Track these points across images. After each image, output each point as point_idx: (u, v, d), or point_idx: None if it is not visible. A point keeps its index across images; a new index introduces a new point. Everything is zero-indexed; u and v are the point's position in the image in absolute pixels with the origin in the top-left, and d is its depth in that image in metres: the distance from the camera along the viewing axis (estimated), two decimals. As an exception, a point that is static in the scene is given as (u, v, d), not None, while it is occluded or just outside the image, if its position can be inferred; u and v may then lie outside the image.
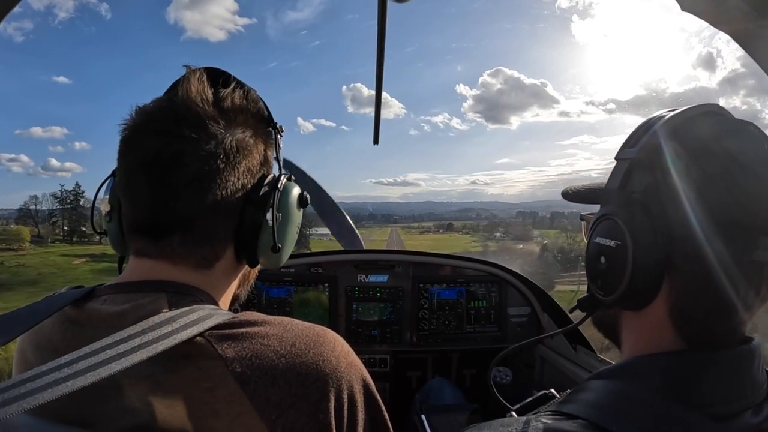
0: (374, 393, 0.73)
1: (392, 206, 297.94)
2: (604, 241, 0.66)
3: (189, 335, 0.59)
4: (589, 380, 0.66)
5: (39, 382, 0.50)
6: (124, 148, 0.71)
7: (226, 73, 0.78)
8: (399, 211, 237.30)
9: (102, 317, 0.65)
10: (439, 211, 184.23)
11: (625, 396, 0.59)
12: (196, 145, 0.68)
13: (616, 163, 0.67)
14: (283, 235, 0.78)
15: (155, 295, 0.66)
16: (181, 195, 0.68)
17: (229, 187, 0.71)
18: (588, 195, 0.79)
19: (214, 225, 0.72)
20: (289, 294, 2.44)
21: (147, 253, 0.72)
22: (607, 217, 0.66)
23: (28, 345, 0.71)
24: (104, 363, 0.53)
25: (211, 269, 0.74)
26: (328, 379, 0.65)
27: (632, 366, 0.64)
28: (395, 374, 2.50)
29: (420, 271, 2.55)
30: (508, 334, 2.52)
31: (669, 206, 0.59)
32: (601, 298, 0.67)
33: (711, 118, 0.64)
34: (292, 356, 0.64)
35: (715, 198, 0.58)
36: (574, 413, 0.60)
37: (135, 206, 0.71)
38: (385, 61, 0.83)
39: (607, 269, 0.65)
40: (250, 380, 0.60)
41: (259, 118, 0.79)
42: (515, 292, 2.55)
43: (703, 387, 0.58)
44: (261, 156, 0.77)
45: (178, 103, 0.70)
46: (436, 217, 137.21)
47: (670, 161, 0.61)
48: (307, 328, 0.70)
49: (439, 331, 2.50)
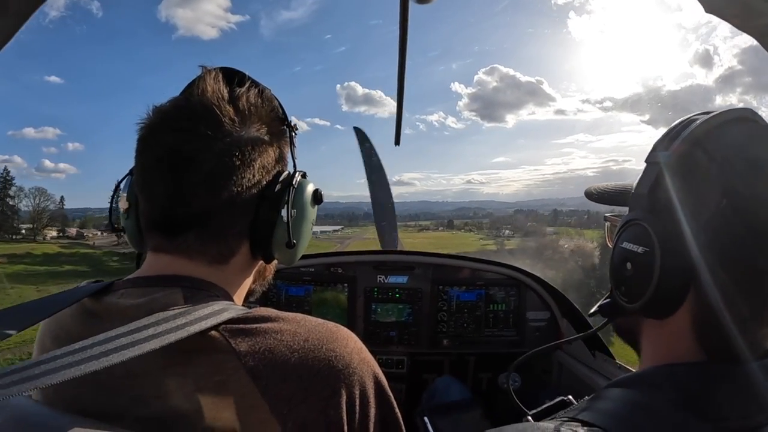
0: (386, 390, 0.73)
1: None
2: (631, 247, 0.65)
3: (202, 327, 0.60)
4: (606, 388, 0.65)
5: (52, 364, 0.51)
6: (141, 147, 0.73)
7: (240, 72, 0.79)
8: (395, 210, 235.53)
9: (119, 310, 0.67)
10: (435, 210, 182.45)
11: (642, 406, 0.59)
12: (212, 142, 0.70)
13: (646, 167, 0.66)
14: (297, 231, 0.79)
15: (171, 290, 0.68)
16: (197, 192, 0.70)
17: (245, 184, 0.73)
18: (613, 197, 0.79)
19: (230, 221, 0.74)
20: (308, 293, 2.46)
21: (163, 249, 0.73)
22: (635, 222, 0.65)
23: (48, 335, 0.73)
24: (117, 350, 0.54)
25: (226, 264, 0.76)
26: (340, 375, 0.65)
27: (650, 376, 0.63)
28: (411, 376, 2.50)
29: (439, 273, 2.54)
30: (526, 339, 2.50)
31: (696, 215, 0.59)
32: (625, 304, 0.66)
33: (742, 125, 0.63)
34: (304, 351, 0.64)
35: (741, 207, 0.57)
36: (590, 421, 0.59)
37: (152, 203, 0.73)
38: (406, 61, 0.84)
39: (632, 276, 0.65)
40: (262, 375, 0.61)
41: (274, 117, 0.80)
42: (534, 296, 2.52)
43: (719, 400, 0.57)
44: (276, 153, 0.79)
45: (195, 101, 0.72)
46: (431, 217, 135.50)
47: (697, 169, 0.60)
48: (321, 324, 0.70)
49: (456, 333, 2.50)
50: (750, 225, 0.57)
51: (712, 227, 0.58)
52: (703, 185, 0.59)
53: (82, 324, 0.69)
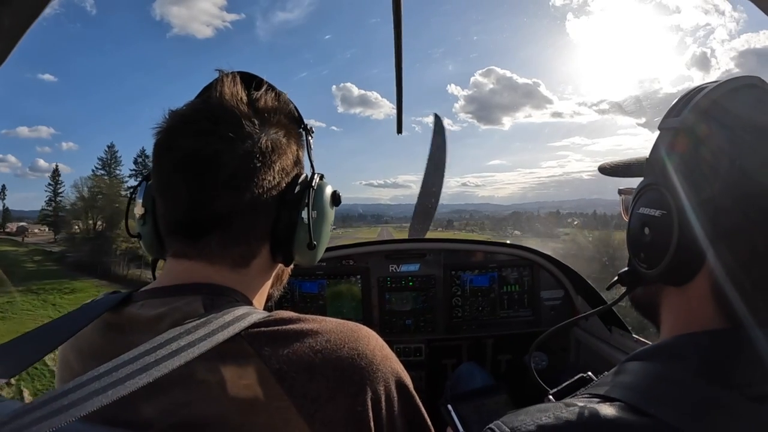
0: (409, 385, 0.73)
1: (382, 207, 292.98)
2: (648, 211, 0.65)
3: (226, 336, 0.60)
4: (626, 362, 0.65)
5: (80, 392, 0.51)
6: (160, 151, 0.73)
7: (257, 76, 0.79)
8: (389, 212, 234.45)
9: (140, 321, 0.67)
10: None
11: (663, 377, 0.59)
12: (234, 144, 0.70)
13: (660, 133, 0.66)
14: (318, 232, 0.80)
15: (191, 298, 0.68)
16: (220, 194, 0.70)
17: (265, 186, 0.73)
18: (627, 169, 0.78)
19: (251, 223, 0.74)
20: (322, 288, 2.47)
21: (185, 254, 0.73)
22: (651, 186, 0.65)
23: (71, 351, 0.73)
24: (143, 370, 0.54)
25: (247, 268, 0.76)
26: (364, 373, 0.66)
27: (670, 346, 0.63)
28: (430, 362, 2.52)
29: (451, 259, 2.54)
30: (542, 318, 2.50)
31: (711, 178, 0.59)
32: (645, 271, 0.66)
33: (751, 91, 0.63)
34: (327, 351, 0.65)
35: (754, 170, 0.57)
36: (612, 396, 0.59)
37: (173, 206, 0.72)
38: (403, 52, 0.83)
39: (651, 241, 0.64)
40: (287, 376, 0.61)
41: (291, 119, 0.81)
42: (548, 276, 2.53)
43: (741, 366, 0.57)
44: (294, 156, 0.79)
45: (214, 104, 0.72)
46: None
47: (707, 134, 0.60)
48: (341, 324, 0.71)
49: (472, 317, 2.51)
50: (763, 187, 0.57)
51: (725, 190, 0.58)
52: (713, 149, 0.59)
53: (104, 337, 0.69)
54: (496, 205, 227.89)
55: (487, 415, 1.50)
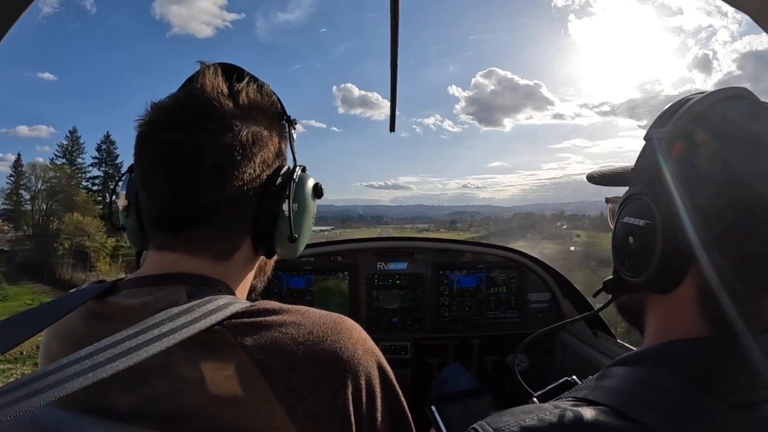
0: (392, 379, 0.73)
1: (383, 209, 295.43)
2: (632, 221, 0.65)
3: (208, 324, 0.60)
4: (611, 367, 0.65)
5: (61, 374, 0.51)
6: (142, 143, 0.72)
7: (239, 68, 0.79)
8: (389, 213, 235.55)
9: (123, 310, 0.66)
10: (431, 214, 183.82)
11: (648, 383, 0.59)
12: (215, 137, 0.69)
13: (645, 143, 0.67)
14: (299, 225, 0.80)
15: (175, 287, 0.68)
16: (201, 187, 0.70)
17: (247, 179, 0.73)
18: (614, 178, 0.79)
19: (233, 216, 0.74)
20: (310, 283, 2.47)
21: (167, 246, 0.73)
22: (636, 196, 0.66)
23: (53, 339, 0.72)
24: (125, 354, 0.54)
25: (229, 260, 0.76)
26: (346, 366, 0.66)
27: (655, 352, 0.63)
28: (416, 361, 2.52)
29: (440, 258, 2.55)
30: (529, 320, 2.52)
31: (696, 187, 0.59)
32: (629, 279, 0.67)
33: (738, 102, 0.63)
34: (310, 343, 0.65)
35: (742, 179, 0.57)
36: (596, 399, 0.60)
37: (155, 199, 0.72)
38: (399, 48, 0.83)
39: (635, 249, 0.65)
40: (270, 367, 0.61)
41: (273, 112, 0.80)
42: (535, 278, 2.54)
43: (726, 375, 0.57)
44: (276, 148, 0.79)
45: (195, 96, 0.72)
46: (427, 220, 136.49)
47: (696, 144, 0.60)
48: (324, 315, 0.71)
49: (459, 317, 2.51)
50: (752, 199, 0.57)
51: (714, 200, 0.58)
52: (702, 160, 0.59)
53: (87, 325, 0.69)
54: (497, 207, 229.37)
55: (471, 416, 1.50)
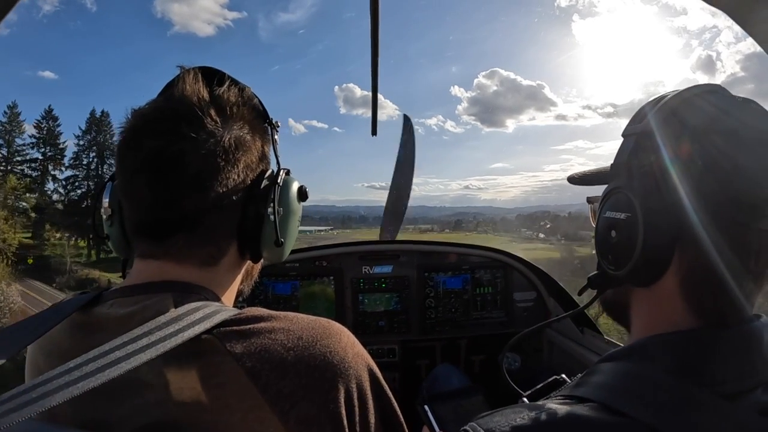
0: (382, 382, 0.73)
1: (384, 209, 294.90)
2: (614, 215, 0.66)
3: (196, 332, 0.60)
4: (599, 363, 0.66)
5: (49, 386, 0.50)
6: (123, 151, 0.71)
7: (219, 71, 0.78)
8: None
9: (110, 320, 0.66)
10: (432, 215, 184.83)
11: (636, 377, 0.59)
12: (196, 143, 0.69)
13: (624, 140, 0.68)
14: (285, 229, 0.79)
15: (161, 296, 0.67)
16: (184, 194, 0.69)
17: (230, 184, 0.72)
18: (594, 178, 0.80)
19: (218, 222, 0.73)
20: (295, 288, 2.45)
21: (152, 255, 0.72)
22: (616, 190, 0.67)
23: (39, 353, 0.71)
24: (113, 364, 0.53)
25: (216, 266, 0.75)
26: (337, 370, 0.66)
27: (643, 346, 0.63)
28: (404, 363, 2.52)
29: (424, 260, 2.55)
30: (515, 319, 2.53)
31: (675, 180, 0.60)
32: (613, 273, 0.67)
33: (713, 97, 0.64)
34: (300, 349, 0.64)
35: (719, 172, 0.58)
36: (585, 396, 0.60)
37: (137, 208, 0.71)
38: (379, 49, 0.82)
39: (617, 242, 0.66)
40: (260, 374, 0.61)
41: (255, 115, 0.79)
42: (520, 277, 2.56)
43: (714, 366, 0.58)
44: (259, 152, 0.78)
45: (175, 102, 0.71)
46: (429, 221, 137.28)
47: (673, 138, 0.61)
48: (313, 321, 0.70)
49: (446, 318, 2.51)
50: (729, 188, 0.58)
51: (693, 191, 0.59)
52: (677, 153, 0.61)
53: (73, 337, 0.68)
54: (498, 208, 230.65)
55: (463, 415, 1.51)
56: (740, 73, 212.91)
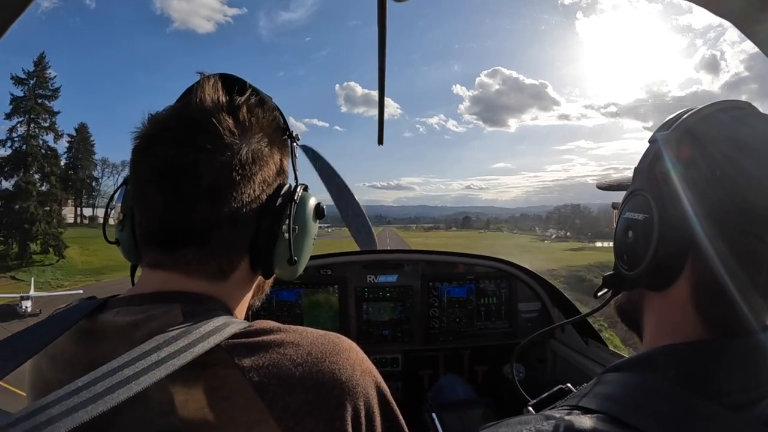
0: (390, 399, 0.72)
1: (386, 209, 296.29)
2: (632, 216, 0.68)
3: (206, 348, 0.59)
4: (605, 373, 0.65)
5: (58, 408, 0.49)
6: (137, 157, 0.70)
7: (241, 80, 0.76)
8: (392, 214, 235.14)
9: (115, 328, 0.65)
10: (434, 215, 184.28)
11: (643, 388, 0.59)
12: (212, 155, 0.67)
13: (648, 146, 0.69)
14: (299, 247, 0.78)
15: (169, 306, 0.66)
16: (197, 206, 0.67)
17: (245, 199, 0.70)
18: (620, 185, 0.82)
19: (230, 236, 0.71)
20: (299, 297, 2.45)
21: (161, 265, 0.71)
22: (636, 192, 0.68)
23: (43, 358, 0.70)
24: (123, 383, 0.52)
25: (226, 280, 0.73)
26: (344, 388, 0.65)
27: (649, 358, 0.64)
28: (407, 373, 2.51)
29: (429, 270, 2.55)
30: (519, 330, 2.52)
31: (690, 186, 0.61)
32: (626, 272, 0.68)
33: (735, 112, 0.66)
34: (308, 365, 0.63)
35: (728, 182, 0.59)
36: (591, 407, 0.59)
37: (149, 216, 0.70)
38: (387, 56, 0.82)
39: (633, 242, 0.67)
40: (267, 389, 0.60)
41: (275, 127, 0.77)
42: (525, 288, 2.55)
43: (720, 377, 0.58)
44: (277, 166, 0.76)
45: (193, 111, 0.69)
46: (431, 220, 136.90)
47: (693, 146, 0.63)
48: (322, 336, 0.69)
49: (449, 328, 2.50)
50: (737, 198, 0.59)
51: (705, 199, 0.60)
52: (698, 161, 0.62)
53: (77, 344, 0.67)
54: (500, 208, 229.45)
55: (469, 425, 1.50)
56: (744, 73, 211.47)
